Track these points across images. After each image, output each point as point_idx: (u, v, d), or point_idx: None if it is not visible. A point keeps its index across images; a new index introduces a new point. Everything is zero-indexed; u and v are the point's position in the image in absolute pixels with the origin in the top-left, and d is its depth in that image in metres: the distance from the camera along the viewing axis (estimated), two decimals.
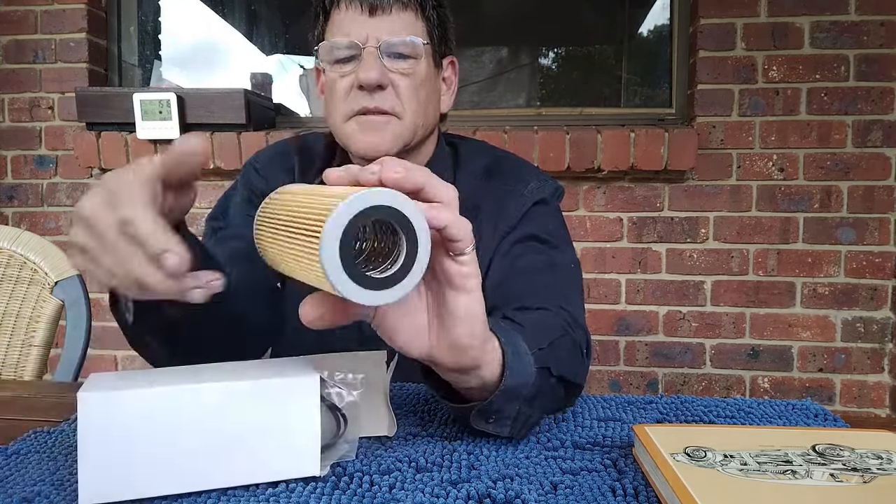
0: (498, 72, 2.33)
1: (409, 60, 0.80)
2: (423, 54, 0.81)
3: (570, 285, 0.82)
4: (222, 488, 0.47)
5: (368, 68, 0.77)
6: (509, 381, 0.53)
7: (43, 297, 1.12)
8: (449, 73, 0.90)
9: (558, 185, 0.91)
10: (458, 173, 0.90)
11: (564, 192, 0.93)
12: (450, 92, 0.91)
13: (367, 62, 0.78)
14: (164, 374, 0.49)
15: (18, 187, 2.08)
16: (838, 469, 0.46)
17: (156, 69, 2.24)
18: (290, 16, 2.44)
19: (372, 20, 0.78)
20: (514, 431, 0.57)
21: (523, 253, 0.82)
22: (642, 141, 1.82)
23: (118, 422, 0.44)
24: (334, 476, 0.50)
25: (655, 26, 2.18)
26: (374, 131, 0.80)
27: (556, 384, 0.61)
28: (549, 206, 0.88)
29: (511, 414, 0.56)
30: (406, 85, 0.80)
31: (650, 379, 1.97)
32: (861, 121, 1.86)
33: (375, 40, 0.78)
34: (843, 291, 1.89)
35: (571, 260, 0.85)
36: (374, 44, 0.78)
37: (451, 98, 0.91)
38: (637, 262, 1.94)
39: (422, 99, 0.82)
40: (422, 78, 0.82)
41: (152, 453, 0.45)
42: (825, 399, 1.91)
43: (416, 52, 0.80)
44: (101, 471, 0.44)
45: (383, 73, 0.78)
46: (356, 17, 0.78)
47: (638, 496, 0.47)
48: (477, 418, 0.57)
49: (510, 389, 0.54)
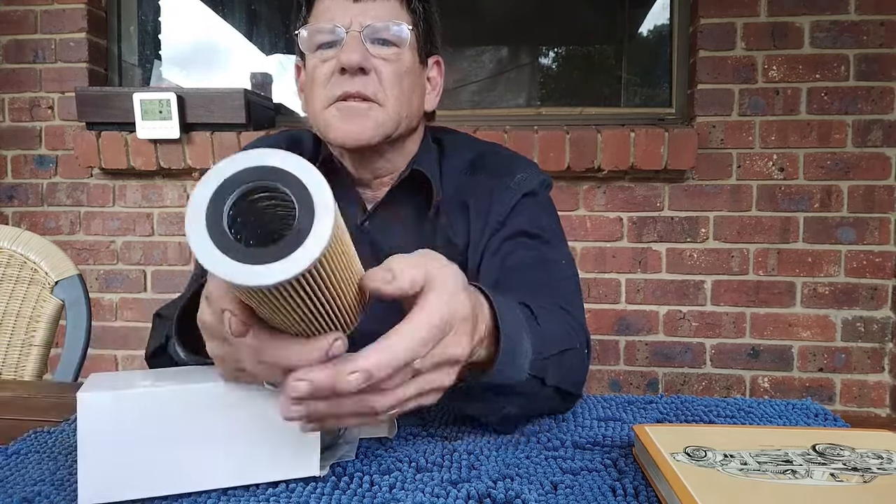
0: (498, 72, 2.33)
1: (394, 48, 0.79)
2: (407, 43, 0.79)
3: (566, 282, 0.80)
4: (222, 488, 0.47)
5: (351, 50, 0.75)
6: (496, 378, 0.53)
7: (43, 297, 1.12)
8: (434, 73, 0.89)
9: (546, 176, 0.89)
10: (444, 168, 0.88)
11: (552, 184, 0.90)
12: (435, 92, 0.89)
13: (349, 45, 0.76)
14: (164, 375, 0.49)
15: (18, 187, 2.08)
16: (838, 469, 0.46)
17: (156, 69, 2.24)
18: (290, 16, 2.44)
19: (356, 5, 0.77)
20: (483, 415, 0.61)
21: (514, 250, 0.80)
22: (642, 141, 1.82)
23: (118, 422, 0.44)
24: (334, 476, 0.50)
25: (655, 26, 2.18)
26: (355, 118, 0.77)
27: (553, 393, 0.61)
28: (538, 198, 0.85)
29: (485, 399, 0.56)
30: (390, 71, 0.78)
31: (650, 379, 1.97)
32: (861, 121, 1.86)
33: (359, 25, 0.77)
34: (844, 291, 1.89)
35: (564, 255, 0.83)
36: (358, 28, 0.77)
37: (437, 98, 0.89)
38: (637, 261, 1.94)
39: (405, 88, 0.80)
40: (406, 67, 0.80)
41: (152, 453, 0.45)
42: (825, 399, 1.91)
43: (400, 40, 0.79)
44: (101, 471, 0.44)
45: (366, 56, 0.76)
46: (340, 2, 0.77)
47: (638, 496, 0.47)
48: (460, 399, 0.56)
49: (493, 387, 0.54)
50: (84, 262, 2.05)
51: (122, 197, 2.05)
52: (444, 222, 0.84)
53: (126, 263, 2.06)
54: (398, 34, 0.78)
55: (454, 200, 0.85)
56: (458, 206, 0.85)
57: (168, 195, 2.03)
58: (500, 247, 0.80)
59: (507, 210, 0.82)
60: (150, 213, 2.05)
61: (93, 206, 2.06)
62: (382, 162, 0.84)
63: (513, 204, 0.82)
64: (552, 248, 0.81)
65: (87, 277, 1.25)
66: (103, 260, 2.07)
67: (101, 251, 2.07)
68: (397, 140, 0.83)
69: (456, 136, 0.95)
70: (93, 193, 2.06)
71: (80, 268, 1.15)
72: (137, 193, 2.04)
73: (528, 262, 0.78)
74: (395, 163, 0.85)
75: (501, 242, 0.81)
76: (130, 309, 2.07)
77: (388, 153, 0.84)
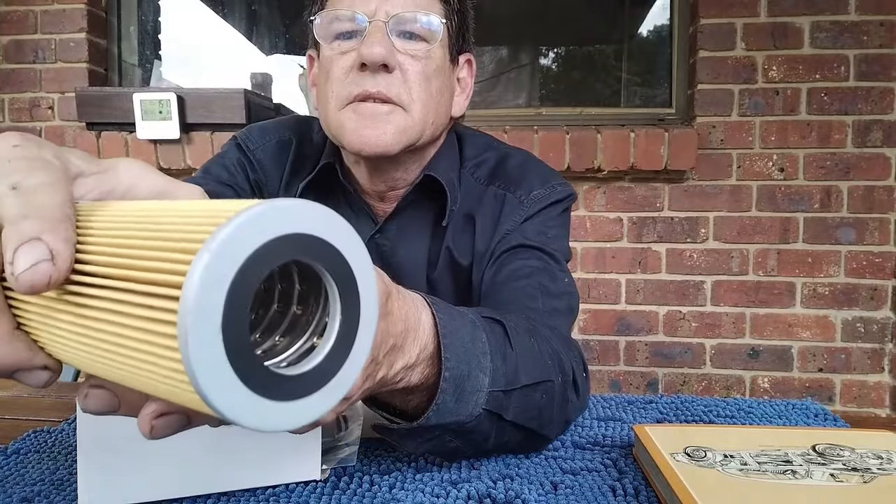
0: (498, 72, 2.33)
1: (422, 43, 0.68)
2: (438, 38, 0.69)
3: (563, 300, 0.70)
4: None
5: (373, 43, 0.64)
6: (436, 417, 0.45)
7: None
8: (465, 72, 0.79)
9: (566, 192, 0.78)
10: (462, 173, 0.80)
11: (575, 198, 0.81)
12: (465, 94, 0.79)
13: (372, 36, 0.65)
14: None
15: None
16: (838, 469, 0.46)
17: (156, 69, 2.24)
18: (290, 16, 2.44)
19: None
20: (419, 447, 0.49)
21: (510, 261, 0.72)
22: (642, 141, 1.82)
23: (118, 425, 0.44)
24: (334, 476, 0.50)
25: (655, 26, 2.18)
26: (374, 122, 0.67)
27: (511, 428, 0.51)
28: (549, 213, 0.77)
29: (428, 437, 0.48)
30: (417, 71, 0.68)
31: (650, 379, 1.97)
32: (861, 121, 1.86)
33: (385, 14, 0.66)
34: (843, 291, 1.89)
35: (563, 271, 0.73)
36: (383, 18, 0.66)
37: (466, 101, 0.79)
38: (637, 262, 1.94)
39: (433, 91, 0.70)
40: (436, 66, 0.70)
41: (152, 458, 0.45)
42: (825, 399, 1.91)
43: (430, 34, 0.68)
44: (101, 475, 0.44)
45: (391, 50, 0.66)
46: None
47: (638, 496, 0.47)
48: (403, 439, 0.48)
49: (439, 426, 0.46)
50: None
51: None
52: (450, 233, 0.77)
53: None
54: (428, 27, 0.68)
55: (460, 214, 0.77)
56: (463, 219, 0.77)
57: None
58: (500, 258, 0.73)
59: (513, 226, 0.75)
60: None
61: None
62: (401, 172, 0.75)
63: (522, 220, 0.75)
64: (552, 261, 0.72)
65: None
66: None
67: None
68: (418, 149, 0.73)
69: (478, 140, 0.84)
70: None
71: None
72: None
73: (523, 273, 0.70)
74: (414, 173, 0.76)
75: (501, 254, 0.73)
76: None
77: (408, 163, 0.75)
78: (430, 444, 0.48)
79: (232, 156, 0.82)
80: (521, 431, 0.52)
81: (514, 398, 0.50)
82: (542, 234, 0.74)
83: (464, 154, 0.81)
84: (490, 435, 0.50)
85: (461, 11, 0.74)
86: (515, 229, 0.74)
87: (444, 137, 0.79)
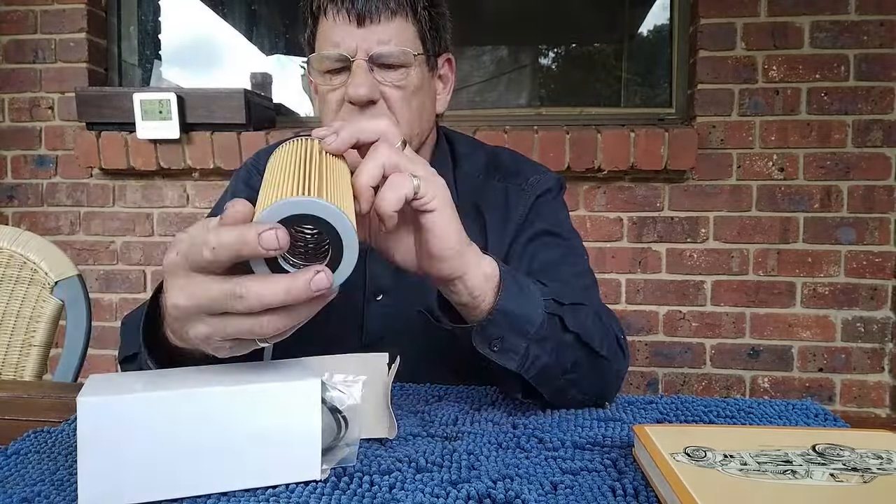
0: (498, 72, 2.33)
1: (401, 70, 0.78)
2: (414, 62, 0.79)
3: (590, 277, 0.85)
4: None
5: (358, 84, 0.75)
6: (503, 303, 0.58)
7: (43, 297, 1.12)
8: (445, 70, 0.88)
9: (559, 177, 0.90)
10: (457, 172, 0.89)
11: (566, 185, 0.93)
12: (446, 90, 0.89)
13: (356, 76, 0.76)
14: (164, 378, 0.49)
15: (18, 187, 2.08)
16: (838, 469, 0.46)
17: (156, 69, 2.24)
18: (290, 16, 2.44)
19: (360, 30, 0.76)
20: (521, 368, 0.61)
21: (539, 250, 0.83)
22: (642, 141, 1.82)
23: (118, 426, 0.44)
24: (334, 476, 0.50)
25: (655, 26, 2.18)
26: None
27: (574, 342, 0.64)
28: (552, 198, 0.88)
29: (518, 350, 0.60)
30: (398, 97, 0.78)
31: (650, 379, 1.97)
32: (861, 121, 1.86)
33: (364, 52, 0.76)
34: (843, 291, 1.89)
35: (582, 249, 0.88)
36: (364, 56, 0.76)
37: (448, 96, 0.89)
38: (637, 261, 1.94)
39: (415, 108, 0.80)
40: (415, 86, 0.80)
41: (152, 458, 0.45)
42: (825, 399, 1.91)
43: (406, 61, 0.78)
44: (101, 476, 0.44)
45: (373, 87, 0.76)
46: (344, 26, 0.76)
47: (638, 496, 0.47)
48: (479, 342, 0.60)
49: (509, 315, 0.59)
50: (84, 262, 2.05)
51: (122, 197, 2.05)
52: None
53: (126, 264, 2.06)
54: (405, 56, 0.78)
55: (466, 204, 0.84)
56: (470, 209, 0.85)
57: (168, 195, 2.03)
58: (526, 249, 0.83)
59: (524, 211, 0.85)
60: (150, 214, 2.05)
61: (93, 207, 2.06)
62: None
63: (529, 205, 0.86)
64: (572, 244, 0.86)
65: (87, 278, 1.24)
66: (103, 260, 2.07)
67: (101, 251, 2.07)
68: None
69: (466, 139, 0.95)
70: (93, 193, 2.06)
71: (80, 268, 1.15)
72: (137, 194, 2.04)
73: (555, 259, 0.82)
74: None
75: (526, 244, 0.84)
76: (130, 309, 2.06)
77: None
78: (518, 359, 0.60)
79: (243, 173, 0.96)
80: (584, 348, 0.65)
81: (566, 310, 0.63)
82: (555, 221, 0.86)
83: (457, 153, 0.91)
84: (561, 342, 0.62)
85: (433, 19, 0.82)
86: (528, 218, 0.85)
87: (435, 134, 0.90)
